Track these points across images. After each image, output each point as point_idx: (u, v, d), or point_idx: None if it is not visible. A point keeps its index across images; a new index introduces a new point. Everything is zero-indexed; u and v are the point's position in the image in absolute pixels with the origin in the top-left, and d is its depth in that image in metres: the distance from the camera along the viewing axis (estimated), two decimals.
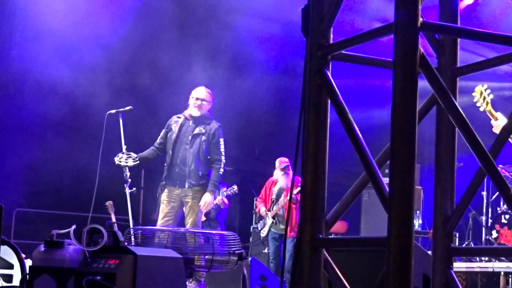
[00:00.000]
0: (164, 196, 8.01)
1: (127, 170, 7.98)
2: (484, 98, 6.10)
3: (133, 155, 8.04)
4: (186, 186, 7.88)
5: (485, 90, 6.13)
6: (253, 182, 13.37)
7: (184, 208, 7.96)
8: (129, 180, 7.97)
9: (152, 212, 10.10)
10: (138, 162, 8.02)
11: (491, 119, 6.21)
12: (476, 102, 6.11)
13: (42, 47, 11.07)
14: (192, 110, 8.01)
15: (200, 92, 8.11)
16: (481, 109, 6.10)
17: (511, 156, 8.78)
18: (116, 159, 8.01)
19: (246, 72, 12.94)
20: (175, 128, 8.06)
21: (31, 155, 12.07)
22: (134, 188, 8.01)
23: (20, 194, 12.02)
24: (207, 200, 7.80)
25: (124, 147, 8.09)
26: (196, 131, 7.95)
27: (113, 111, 8.26)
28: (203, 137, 7.93)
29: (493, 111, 6.15)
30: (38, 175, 12.27)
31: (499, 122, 6.05)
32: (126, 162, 7.97)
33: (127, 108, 8.31)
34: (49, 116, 12.25)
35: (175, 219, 8.00)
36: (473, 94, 6.13)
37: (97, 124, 11.86)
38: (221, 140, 7.99)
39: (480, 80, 7.30)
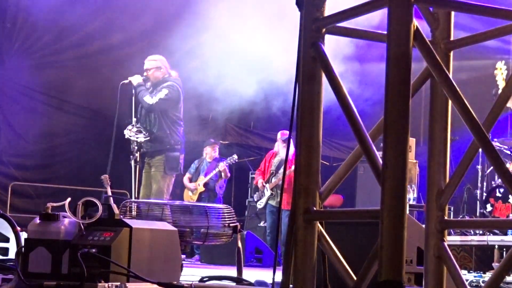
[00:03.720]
0: None
1: (135, 144, 7.77)
2: (502, 74, 6.11)
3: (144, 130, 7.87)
4: None
5: (503, 66, 6.14)
6: (248, 156, 13.38)
7: None
8: (136, 154, 7.77)
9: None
10: (148, 138, 7.83)
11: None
12: (497, 80, 6.12)
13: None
14: None
15: None
16: (500, 86, 6.10)
17: (504, 130, 8.79)
18: (127, 133, 7.82)
19: None
20: None
21: (27, 129, 12.05)
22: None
23: (16, 168, 12.01)
24: None
25: (134, 119, 7.85)
26: None
27: (126, 81, 8.00)
28: None
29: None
30: (34, 149, 12.26)
31: None
32: (137, 138, 7.78)
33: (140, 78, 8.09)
34: (45, 90, 12.21)
35: None
36: (495, 72, 6.13)
37: (94, 98, 11.84)
38: None
39: None
